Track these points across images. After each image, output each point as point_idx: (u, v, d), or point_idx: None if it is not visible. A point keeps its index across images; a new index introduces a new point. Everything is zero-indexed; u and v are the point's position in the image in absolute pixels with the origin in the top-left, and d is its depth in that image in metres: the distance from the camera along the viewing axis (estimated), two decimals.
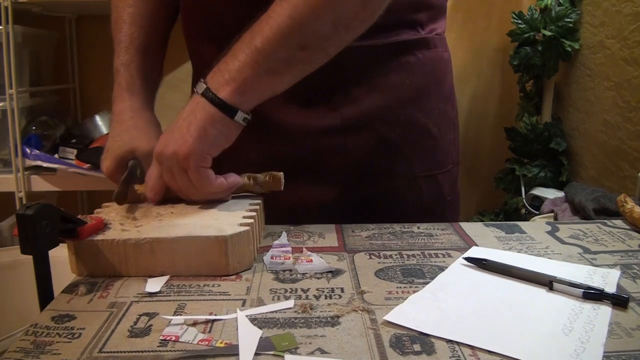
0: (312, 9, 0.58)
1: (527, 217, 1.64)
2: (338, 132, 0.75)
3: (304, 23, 0.59)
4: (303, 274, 0.56)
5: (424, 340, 0.43)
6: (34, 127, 1.61)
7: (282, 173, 0.68)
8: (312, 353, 0.42)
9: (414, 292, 0.52)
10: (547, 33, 1.66)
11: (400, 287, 0.53)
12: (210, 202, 0.66)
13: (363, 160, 0.77)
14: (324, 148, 0.75)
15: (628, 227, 0.70)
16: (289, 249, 0.62)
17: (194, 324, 0.46)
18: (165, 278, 0.55)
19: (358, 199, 0.78)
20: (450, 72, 0.84)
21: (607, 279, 0.54)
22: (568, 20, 1.66)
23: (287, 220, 0.71)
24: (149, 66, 0.78)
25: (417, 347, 0.42)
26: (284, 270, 0.57)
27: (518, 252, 0.62)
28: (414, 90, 0.77)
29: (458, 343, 0.43)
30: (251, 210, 0.63)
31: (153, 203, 0.67)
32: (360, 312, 0.48)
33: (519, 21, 1.71)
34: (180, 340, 0.43)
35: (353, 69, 0.74)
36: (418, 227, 0.70)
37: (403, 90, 0.76)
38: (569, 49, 1.67)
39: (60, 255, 0.57)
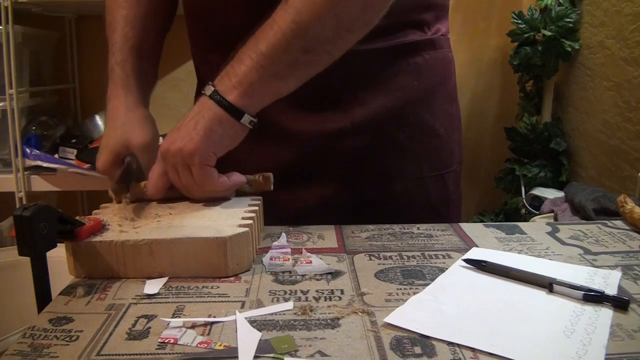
0: (314, 14, 0.59)
1: (527, 217, 1.64)
2: (348, 134, 0.75)
3: (307, 28, 0.59)
4: (302, 275, 0.56)
5: (425, 343, 0.43)
6: (34, 127, 1.61)
7: (271, 173, 0.68)
8: (311, 356, 0.41)
9: (414, 293, 0.51)
10: (547, 33, 1.66)
11: (401, 289, 0.52)
12: (211, 201, 0.66)
13: (372, 162, 0.77)
14: (333, 151, 0.75)
15: (628, 228, 0.70)
16: (288, 250, 0.62)
17: (193, 326, 0.46)
18: (164, 280, 0.54)
19: (366, 200, 0.78)
20: (454, 71, 0.85)
21: (608, 280, 0.53)
22: (568, 20, 1.65)
23: (292, 224, 0.71)
24: (144, 66, 0.78)
25: (417, 350, 0.42)
26: (284, 272, 0.57)
27: (518, 253, 0.61)
28: (422, 91, 0.77)
29: (459, 345, 0.43)
30: (250, 211, 0.62)
31: (154, 199, 0.67)
32: (360, 314, 0.48)
33: (519, 21, 1.71)
34: (178, 342, 0.43)
35: (361, 72, 0.74)
36: (418, 228, 0.69)
37: (411, 92, 0.76)
38: (569, 49, 1.66)
39: (58, 256, 0.57)
